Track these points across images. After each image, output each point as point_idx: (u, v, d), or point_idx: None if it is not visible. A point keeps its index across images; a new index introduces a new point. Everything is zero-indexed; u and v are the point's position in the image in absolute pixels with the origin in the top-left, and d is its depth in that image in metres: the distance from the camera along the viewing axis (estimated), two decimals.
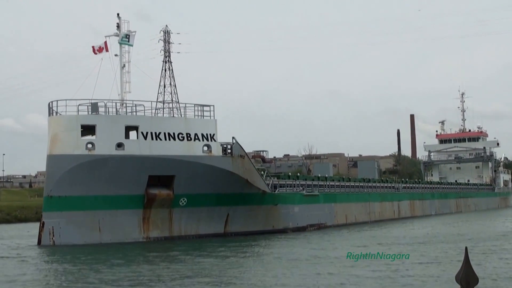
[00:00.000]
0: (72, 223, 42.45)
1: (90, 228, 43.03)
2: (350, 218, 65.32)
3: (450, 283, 21.27)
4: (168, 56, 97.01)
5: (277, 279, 25.54)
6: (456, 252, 33.72)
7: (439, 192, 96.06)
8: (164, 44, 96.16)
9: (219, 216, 48.59)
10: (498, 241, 41.62)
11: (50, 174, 42.88)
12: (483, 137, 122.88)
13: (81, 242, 42.13)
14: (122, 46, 48.42)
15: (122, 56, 48.31)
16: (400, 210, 78.47)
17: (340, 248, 38.23)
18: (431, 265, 29.13)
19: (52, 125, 43.79)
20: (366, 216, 69.21)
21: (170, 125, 45.70)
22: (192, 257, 34.33)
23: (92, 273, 28.29)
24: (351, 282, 24.24)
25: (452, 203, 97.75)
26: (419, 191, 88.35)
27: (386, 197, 75.96)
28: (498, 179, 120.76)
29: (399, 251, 35.13)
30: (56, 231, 42.23)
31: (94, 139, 43.39)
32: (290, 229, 53.66)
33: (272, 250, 39.04)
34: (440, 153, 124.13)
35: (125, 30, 48.37)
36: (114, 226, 43.73)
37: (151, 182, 44.61)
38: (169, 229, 46.26)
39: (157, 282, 25.22)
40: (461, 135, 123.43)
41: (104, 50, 47.66)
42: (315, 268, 28.70)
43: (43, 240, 42.26)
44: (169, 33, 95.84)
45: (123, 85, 47.88)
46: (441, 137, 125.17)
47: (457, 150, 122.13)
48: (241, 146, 49.06)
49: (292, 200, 55.23)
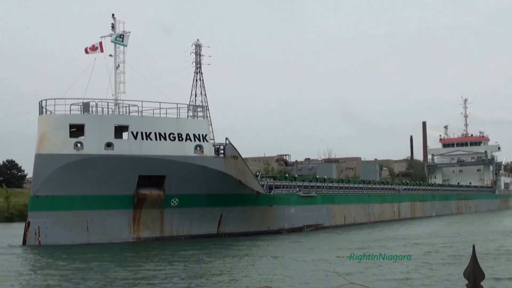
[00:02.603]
0: (59, 223, 38.67)
1: (78, 228, 39.22)
2: (348, 219, 60.86)
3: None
4: (199, 67, 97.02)
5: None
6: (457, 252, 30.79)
7: (440, 194, 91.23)
8: (195, 56, 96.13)
9: (212, 217, 44.57)
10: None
11: (37, 174, 39.12)
12: (485, 141, 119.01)
13: (68, 242, 38.32)
14: (117, 46, 44.70)
15: (116, 56, 44.57)
16: (400, 211, 73.79)
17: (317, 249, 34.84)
18: (431, 265, 25.83)
19: (41, 124, 40.10)
20: (365, 217, 64.68)
21: (161, 125, 41.73)
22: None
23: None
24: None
25: (453, 205, 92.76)
26: (420, 192, 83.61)
27: (386, 199, 71.37)
28: (499, 182, 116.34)
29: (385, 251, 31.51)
30: (42, 231, 38.42)
31: (83, 139, 39.61)
32: (286, 230, 49.47)
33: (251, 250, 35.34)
34: (443, 156, 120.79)
35: (120, 30, 44.64)
36: (103, 227, 39.91)
37: (141, 182, 40.76)
38: (160, 230, 42.32)
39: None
40: (463, 140, 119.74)
41: (99, 50, 44.07)
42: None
43: (28, 240, 38.44)
44: (200, 46, 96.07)
45: (117, 86, 44.14)
46: (444, 141, 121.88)
47: (460, 154, 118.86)
48: (235, 147, 44.98)
49: (288, 201, 50.97)
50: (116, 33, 44.34)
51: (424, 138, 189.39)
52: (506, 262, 27.89)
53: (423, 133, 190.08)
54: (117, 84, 44.11)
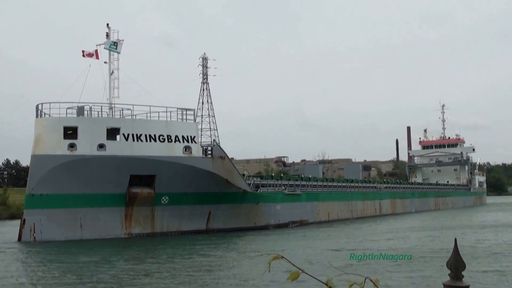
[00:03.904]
0: (53, 220, 37.00)
1: (71, 225, 37.54)
2: (332, 215, 59.11)
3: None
4: (205, 78, 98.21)
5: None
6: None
7: (419, 192, 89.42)
8: (202, 68, 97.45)
9: (201, 214, 42.90)
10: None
11: (33, 174, 37.42)
12: (461, 143, 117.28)
13: (62, 238, 36.70)
14: (111, 53, 43.12)
15: (111, 63, 43.01)
16: (382, 208, 72.01)
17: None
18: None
19: (37, 126, 38.43)
20: (348, 214, 62.96)
21: (151, 127, 40.07)
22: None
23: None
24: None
25: (431, 202, 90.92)
26: (400, 190, 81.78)
27: (368, 196, 69.60)
28: (473, 180, 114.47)
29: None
30: (37, 227, 36.78)
31: (76, 140, 37.89)
32: (272, 225, 47.77)
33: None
34: (423, 157, 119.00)
35: (114, 38, 43.05)
36: (95, 223, 38.24)
37: (133, 182, 39.12)
38: (151, 226, 40.64)
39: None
40: (441, 142, 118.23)
41: (95, 57, 42.53)
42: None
43: (23, 237, 36.77)
44: (207, 59, 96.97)
45: (111, 90, 42.58)
46: (424, 143, 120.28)
47: (438, 155, 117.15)
48: (222, 148, 43.38)
49: (274, 198, 49.25)
50: (110, 41, 42.84)
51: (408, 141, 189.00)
52: (484, 255, 26.66)
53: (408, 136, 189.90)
54: (111, 89, 42.62)
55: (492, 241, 33.42)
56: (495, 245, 31.08)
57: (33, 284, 20.74)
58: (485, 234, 38.43)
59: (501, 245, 30.70)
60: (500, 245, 31.03)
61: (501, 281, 19.63)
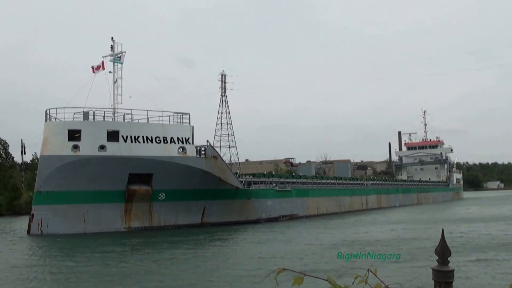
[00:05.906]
0: (58, 215, 34.96)
1: (75, 219, 35.43)
2: (321, 210, 56.43)
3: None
4: (224, 91, 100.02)
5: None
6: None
7: (403, 188, 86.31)
8: (221, 83, 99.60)
9: (196, 209, 40.57)
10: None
11: (40, 172, 35.40)
12: (441, 145, 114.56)
13: (66, 231, 34.63)
14: (115, 64, 41.07)
15: (115, 72, 40.95)
16: (368, 202, 69.15)
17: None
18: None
19: (45, 129, 36.47)
20: (337, 208, 60.21)
21: (148, 130, 37.88)
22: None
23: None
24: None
25: (414, 197, 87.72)
26: (385, 187, 78.79)
27: (355, 192, 66.79)
28: (452, 178, 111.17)
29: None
30: (44, 222, 34.75)
31: (80, 142, 35.79)
32: (263, 219, 45.30)
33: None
34: (407, 157, 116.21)
35: (117, 51, 41.06)
36: (97, 218, 36.09)
37: (131, 179, 36.96)
38: (149, 220, 38.38)
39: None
40: (423, 143, 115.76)
41: (101, 69, 40.51)
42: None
43: (32, 230, 34.81)
44: (225, 76, 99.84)
45: (115, 97, 40.47)
46: (409, 145, 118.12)
47: (421, 155, 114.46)
48: (214, 148, 41.07)
49: (265, 194, 46.77)
50: (115, 54, 40.90)
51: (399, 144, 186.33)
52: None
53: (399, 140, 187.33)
54: (115, 95, 40.52)
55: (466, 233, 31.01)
56: (469, 237, 28.63)
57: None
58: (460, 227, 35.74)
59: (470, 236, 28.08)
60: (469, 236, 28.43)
61: (482, 267, 18.37)
